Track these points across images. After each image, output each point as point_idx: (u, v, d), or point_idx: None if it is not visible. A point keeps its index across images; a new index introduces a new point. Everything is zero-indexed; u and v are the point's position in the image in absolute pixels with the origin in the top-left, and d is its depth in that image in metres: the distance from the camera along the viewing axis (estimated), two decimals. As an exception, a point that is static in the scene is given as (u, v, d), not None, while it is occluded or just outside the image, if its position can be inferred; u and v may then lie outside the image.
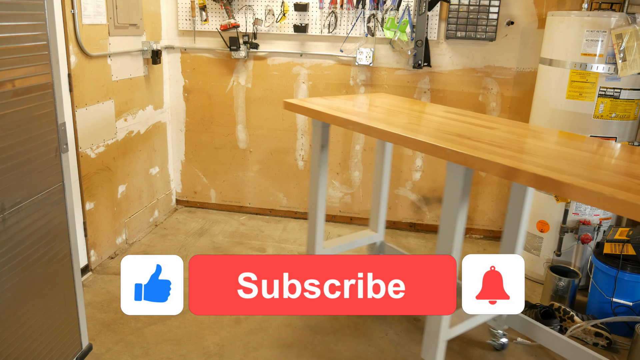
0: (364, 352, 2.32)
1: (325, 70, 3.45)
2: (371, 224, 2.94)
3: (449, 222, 1.87)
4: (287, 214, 3.83)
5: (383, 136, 2.05)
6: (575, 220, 2.84)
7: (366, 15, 3.25)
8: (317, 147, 2.45)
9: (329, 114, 2.27)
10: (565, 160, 1.69)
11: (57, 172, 1.71)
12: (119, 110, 3.05)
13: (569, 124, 2.73)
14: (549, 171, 1.48)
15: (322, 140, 2.44)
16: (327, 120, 2.32)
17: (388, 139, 2.11)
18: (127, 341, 2.33)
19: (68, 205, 1.77)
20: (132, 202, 3.31)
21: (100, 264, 2.98)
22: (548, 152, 1.88)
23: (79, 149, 2.71)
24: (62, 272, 1.78)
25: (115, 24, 2.91)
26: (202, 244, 3.33)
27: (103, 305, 2.59)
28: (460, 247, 1.92)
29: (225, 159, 3.75)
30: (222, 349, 2.30)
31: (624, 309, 2.50)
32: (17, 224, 1.53)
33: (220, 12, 3.41)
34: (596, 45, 2.59)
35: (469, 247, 3.47)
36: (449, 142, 1.80)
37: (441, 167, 3.51)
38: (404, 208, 3.67)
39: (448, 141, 1.82)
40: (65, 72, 2.56)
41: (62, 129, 1.69)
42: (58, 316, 1.78)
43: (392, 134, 1.96)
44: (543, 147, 1.98)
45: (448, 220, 1.88)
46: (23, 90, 1.52)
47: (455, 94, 3.36)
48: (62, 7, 2.48)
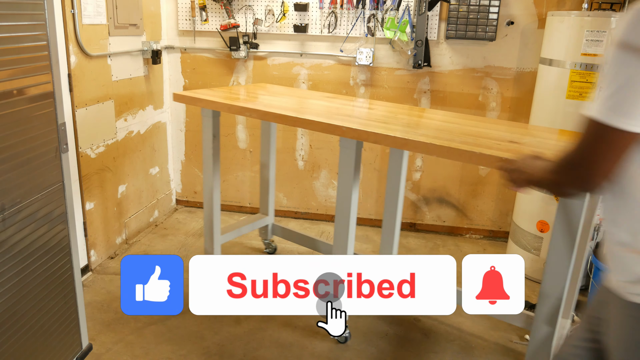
0: (364, 352, 2.32)
1: (325, 70, 3.45)
2: (261, 209, 3.18)
3: (345, 191, 2.13)
4: (287, 214, 3.83)
5: (283, 120, 2.20)
6: (575, 220, 2.84)
7: (366, 15, 3.25)
8: (209, 137, 2.56)
9: (225, 103, 2.40)
10: (439, 130, 2.02)
11: (57, 172, 1.71)
12: (119, 110, 3.05)
13: (569, 124, 2.73)
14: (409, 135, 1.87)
15: (214, 130, 2.55)
16: (223, 110, 2.44)
17: (287, 123, 2.24)
18: (127, 341, 2.33)
19: (68, 205, 1.77)
20: (132, 202, 3.31)
21: (100, 264, 2.98)
22: (429, 126, 2.22)
23: (79, 149, 2.71)
24: (62, 272, 1.78)
25: (115, 24, 2.91)
26: (202, 244, 3.33)
27: (103, 305, 2.59)
28: (355, 218, 2.20)
29: (225, 159, 3.75)
30: (222, 349, 2.30)
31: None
32: (17, 224, 1.53)
33: (220, 12, 3.41)
34: (596, 45, 2.59)
35: (469, 247, 3.47)
36: (340, 121, 2.05)
37: (441, 167, 3.51)
38: (404, 208, 3.67)
39: (340, 121, 2.06)
40: (65, 72, 2.56)
41: (62, 129, 1.69)
42: (58, 316, 1.78)
43: (291, 118, 2.14)
44: (426, 123, 2.32)
45: (344, 190, 2.14)
46: (23, 90, 1.52)
47: (455, 94, 3.36)
48: (62, 7, 2.48)
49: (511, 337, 2.46)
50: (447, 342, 2.42)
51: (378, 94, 3.42)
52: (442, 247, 3.47)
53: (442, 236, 3.62)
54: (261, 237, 3.27)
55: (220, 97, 2.54)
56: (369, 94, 3.44)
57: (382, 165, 3.59)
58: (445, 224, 3.65)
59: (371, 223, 3.73)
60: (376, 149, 3.54)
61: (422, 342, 2.41)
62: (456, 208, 3.60)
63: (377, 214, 3.70)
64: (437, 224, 3.67)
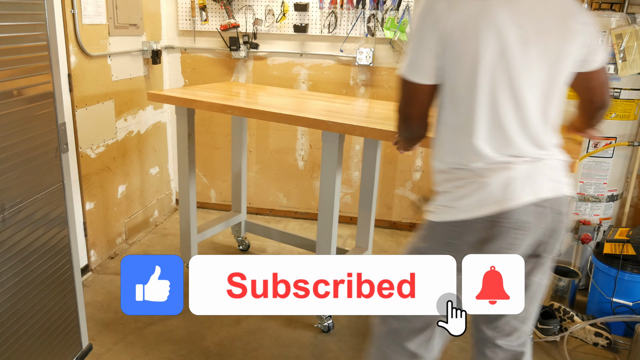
0: (363, 352, 2.32)
1: (325, 70, 3.45)
2: (234, 206, 3.22)
3: (328, 186, 2.25)
4: (287, 214, 3.83)
5: (266, 117, 2.27)
6: (575, 220, 2.84)
7: (366, 15, 3.25)
8: (184, 136, 2.60)
9: (205, 102, 2.42)
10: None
11: (57, 172, 1.71)
12: (119, 111, 3.05)
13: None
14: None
15: (189, 129, 2.59)
16: (196, 107, 2.48)
17: (272, 120, 2.29)
18: (127, 341, 2.33)
19: (68, 205, 1.77)
20: (132, 202, 3.31)
21: (100, 264, 2.98)
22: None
23: (79, 149, 2.71)
24: (62, 272, 1.78)
25: (115, 24, 2.91)
26: (202, 244, 3.34)
27: (103, 305, 2.59)
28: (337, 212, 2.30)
29: (226, 159, 3.75)
30: (222, 349, 2.30)
31: (624, 309, 2.51)
32: (17, 224, 1.53)
33: (220, 12, 3.41)
34: (596, 45, 2.59)
35: (469, 247, 3.46)
36: (325, 117, 2.14)
37: (441, 167, 3.51)
38: (404, 208, 3.67)
39: (324, 116, 2.15)
40: (65, 72, 2.56)
41: (62, 129, 1.69)
42: (58, 316, 1.78)
43: (276, 114, 2.21)
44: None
45: (327, 185, 2.25)
46: (23, 90, 1.52)
47: (455, 94, 3.35)
48: (62, 7, 2.48)
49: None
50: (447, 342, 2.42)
51: (378, 93, 3.42)
52: (442, 247, 3.46)
53: (442, 236, 3.62)
54: (234, 234, 3.29)
55: (194, 95, 2.58)
56: (369, 94, 3.44)
57: (382, 165, 3.59)
58: (445, 224, 3.65)
59: (371, 223, 3.73)
60: (376, 149, 3.54)
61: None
62: (456, 208, 3.60)
63: (377, 214, 3.70)
64: (437, 224, 3.66)
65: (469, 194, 1.28)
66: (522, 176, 1.27)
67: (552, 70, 1.27)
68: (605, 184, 2.79)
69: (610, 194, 2.81)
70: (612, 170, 2.77)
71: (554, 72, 1.28)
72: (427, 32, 1.24)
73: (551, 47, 1.25)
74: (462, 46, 1.22)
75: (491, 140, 1.27)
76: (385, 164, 3.57)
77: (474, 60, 1.22)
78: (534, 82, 1.26)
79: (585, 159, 2.75)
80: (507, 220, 1.26)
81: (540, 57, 1.24)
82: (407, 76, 1.29)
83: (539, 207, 1.28)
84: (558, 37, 1.25)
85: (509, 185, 1.26)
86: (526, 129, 1.28)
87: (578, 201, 2.82)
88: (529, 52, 1.23)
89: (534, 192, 1.27)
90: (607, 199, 2.82)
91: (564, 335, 2.44)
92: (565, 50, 1.27)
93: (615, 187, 2.82)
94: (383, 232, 3.66)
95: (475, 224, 1.28)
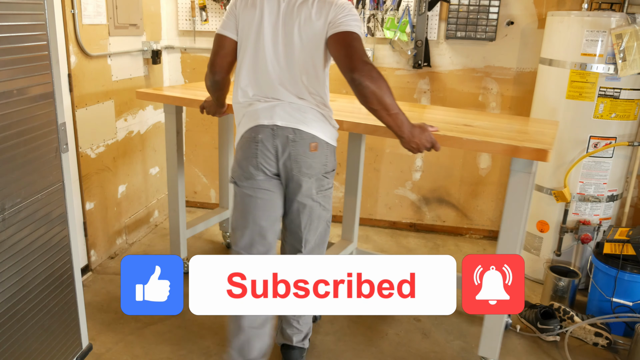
0: (363, 352, 2.32)
1: (325, 70, 3.44)
2: (221, 202, 3.27)
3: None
4: (287, 214, 3.83)
5: None
6: (575, 220, 2.84)
7: (366, 15, 3.25)
8: (173, 134, 2.64)
9: (185, 98, 2.47)
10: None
11: (57, 172, 1.71)
12: (119, 110, 3.05)
13: (568, 124, 2.73)
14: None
15: (177, 127, 2.64)
16: (185, 105, 2.51)
17: None
18: (127, 341, 2.33)
19: (68, 205, 1.77)
20: (132, 202, 3.31)
21: (100, 264, 2.98)
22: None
23: (79, 149, 2.71)
24: (62, 272, 1.78)
25: (115, 24, 2.91)
26: (203, 245, 3.34)
27: (103, 305, 2.60)
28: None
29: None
30: (222, 349, 2.30)
31: (624, 309, 2.51)
32: (17, 224, 1.53)
33: (220, 12, 3.41)
34: (596, 45, 2.59)
35: (469, 247, 3.47)
36: None
37: (441, 167, 3.51)
38: (404, 208, 3.67)
39: None
40: (65, 72, 2.56)
41: (62, 129, 1.69)
42: (58, 316, 1.78)
43: None
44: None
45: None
46: (23, 90, 1.52)
47: (455, 94, 3.36)
48: (62, 7, 2.48)
49: (511, 336, 2.46)
50: (447, 342, 2.42)
51: (378, 94, 3.41)
52: (442, 247, 3.47)
53: (442, 236, 3.62)
54: (222, 230, 3.32)
55: (183, 92, 2.59)
56: (369, 94, 3.43)
57: (382, 165, 3.59)
58: (445, 224, 3.65)
59: (371, 223, 3.73)
60: (376, 148, 3.54)
61: (422, 342, 2.41)
62: (456, 208, 3.60)
63: (377, 214, 3.70)
64: (437, 224, 3.67)
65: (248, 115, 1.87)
66: (264, 108, 1.82)
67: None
68: (605, 184, 2.79)
69: (610, 194, 2.82)
70: (612, 170, 2.77)
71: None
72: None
73: None
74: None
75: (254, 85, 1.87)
76: (385, 164, 3.57)
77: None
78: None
79: (585, 159, 2.75)
80: (253, 132, 1.82)
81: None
82: (220, 32, 1.85)
83: (270, 129, 1.79)
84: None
85: (257, 112, 1.83)
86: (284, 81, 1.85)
87: (578, 201, 2.82)
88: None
89: (269, 119, 1.80)
90: (607, 199, 2.82)
91: (564, 335, 2.44)
92: None
93: (615, 187, 2.82)
94: (383, 232, 3.66)
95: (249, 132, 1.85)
